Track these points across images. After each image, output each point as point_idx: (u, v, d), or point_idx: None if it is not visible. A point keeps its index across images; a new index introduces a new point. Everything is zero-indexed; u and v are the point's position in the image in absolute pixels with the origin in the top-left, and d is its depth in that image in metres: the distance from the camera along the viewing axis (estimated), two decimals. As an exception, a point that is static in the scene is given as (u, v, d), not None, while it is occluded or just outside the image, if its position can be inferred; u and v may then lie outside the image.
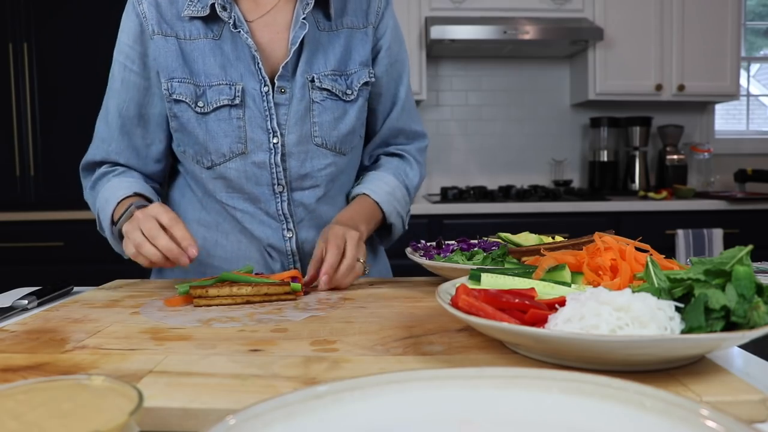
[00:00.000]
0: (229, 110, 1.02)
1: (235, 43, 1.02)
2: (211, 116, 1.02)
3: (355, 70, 1.07)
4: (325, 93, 1.05)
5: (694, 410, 0.34)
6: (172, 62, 1.02)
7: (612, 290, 0.54)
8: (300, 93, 1.03)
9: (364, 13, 1.09)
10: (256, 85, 1.02)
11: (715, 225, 2.85)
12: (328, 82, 1.05)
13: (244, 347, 0.63)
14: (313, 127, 1.05)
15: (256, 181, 1.05)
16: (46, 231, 2.81)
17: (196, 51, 1.02)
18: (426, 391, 0.39)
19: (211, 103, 1.01)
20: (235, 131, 1.02)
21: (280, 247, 1.08)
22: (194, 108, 1.02)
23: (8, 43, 2.81)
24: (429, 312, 0.77)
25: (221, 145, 1.03)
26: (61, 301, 0.89)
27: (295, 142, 1.04)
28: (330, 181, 1.09)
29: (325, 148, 1.06)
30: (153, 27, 1.02)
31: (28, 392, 0.37)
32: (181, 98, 1.02)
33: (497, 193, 3.09)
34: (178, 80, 1.02)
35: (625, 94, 3.10)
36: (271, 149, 1.03)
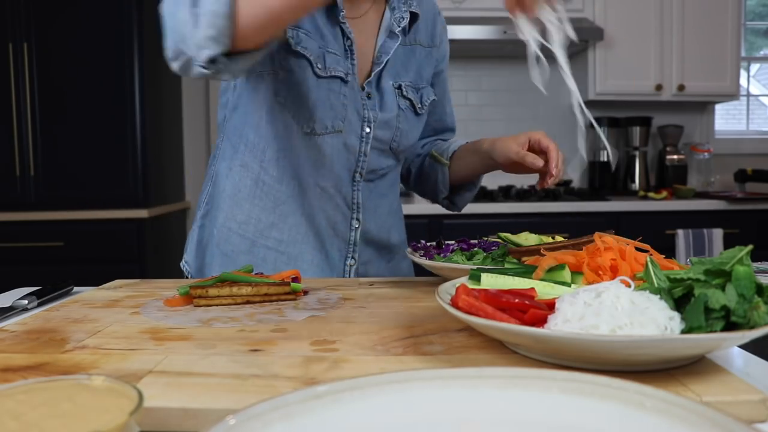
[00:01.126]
0: (341, 84, 1.00)
1: (332, 32, 1.00)
2: (324, 83, 0.98)
3: (424, 86, 1.13)
4: (407, 102, 1.09)
5: (694, 410, 0.34)
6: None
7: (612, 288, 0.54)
8: (389, 98, 1.06)
9: (430, 34, 1.14)
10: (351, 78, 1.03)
11: (715, 225, 2.85)
12: (411, 93, 1.10)
13: (244, 347, 0.63)
14: (396, 132, 1.09)
15: (344, 164, 1.05)
16: (46, 231, 2.81)
17: (319, 11, 0.98)
18: (426, 391, 0.39)
19: (329, 68, 0.97)
20: (340, 107, 1.00)
21: (344, 233, 1.10)
22: (314, 68, 0.97)
23: (8, 43, 2.81)
24: (429, 312, 0.77)
25: (326, 117, 1.00)
26: (61, 301, 0.89)
27: (379, 138, 1.07)
28: (382, 179, 1.13)
29: (393, 153, 1.11)
30: None
31: (28, 392, 0.37)
32: (305, 53, 0.96)
33: (497, 193, 3.09)
34: (304, 32, 0.95)
35: (625, 94, 3.10)
36: (363, 137, 1.05)
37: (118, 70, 2.82)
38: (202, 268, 1.13)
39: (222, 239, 1.10)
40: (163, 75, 3.16)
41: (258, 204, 1.07)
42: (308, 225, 1.08)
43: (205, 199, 1.15)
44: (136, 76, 2.83)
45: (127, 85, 2.83)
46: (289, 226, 1.07)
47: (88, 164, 2.86)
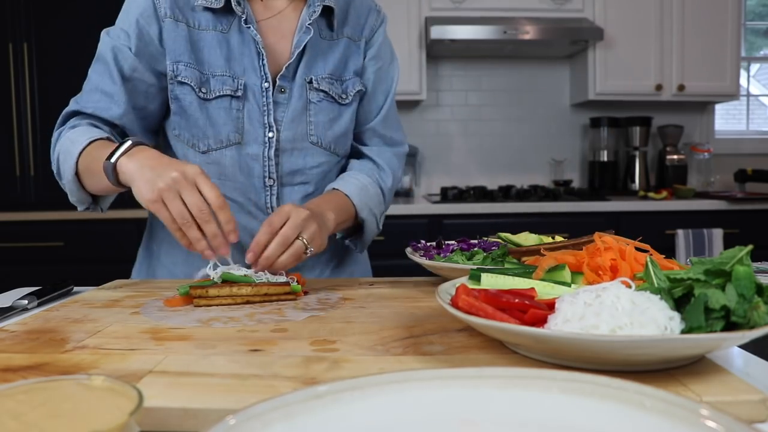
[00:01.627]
0: (230, 100, 1.05)
1: (242, 39, 1.05)
2: (212, 103, 1.04)
3: (349, 78, 1.14)
4: (321, 94, 1.10)
5: (694, 410, 0.34)
6: (180, 47, 1.03)
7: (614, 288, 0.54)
8: (298, 92, 1.08)
9: (360, 27, 1.16)
10: (258, 81, 1.05)
11: (715, 225, 2.85)
12: (326, 85, 1.10)
13: (244, 347, 0.63)
14: (309, 126, 1.10)
15: (249, 172, 1.07)
16: (46, 231, 2.81)
17: (203, 41, 1.04)
18: (426, 391, 0.39)
19: (214, 90, 1.04)
20: (234, 121, 1.05)
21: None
22: (198, 92, 1.04)
23: (8, 43, 2.81)
24: (429, 312, 0.77)
25: (220, 132, 1.05)
26: (61, 301, 0.89)
27: (290, 138, 1.08)
28: (320, 179, 1.13)
29: (319, 147, 1.11)
30: (165, 10, 1.02)
31: (28, 392, 0.37)
32: (186, 81, 1.03)
33: (497, 193, 3.09)
34: (184, 64, 1.03)
35: (625, 94, 3.10)
36: (265, 143, 1.07)
37: (118, 70, 2.82)
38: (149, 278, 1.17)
39: (162, 254, 1.15)
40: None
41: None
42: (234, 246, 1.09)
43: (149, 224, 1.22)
44: (136, 76, 2.83)
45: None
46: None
47: (88, 164, 2.85)
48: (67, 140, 1.00)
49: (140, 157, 0.87)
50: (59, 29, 2.81)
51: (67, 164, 0.98)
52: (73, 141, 0.98)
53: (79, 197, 1.03)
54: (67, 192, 1.03)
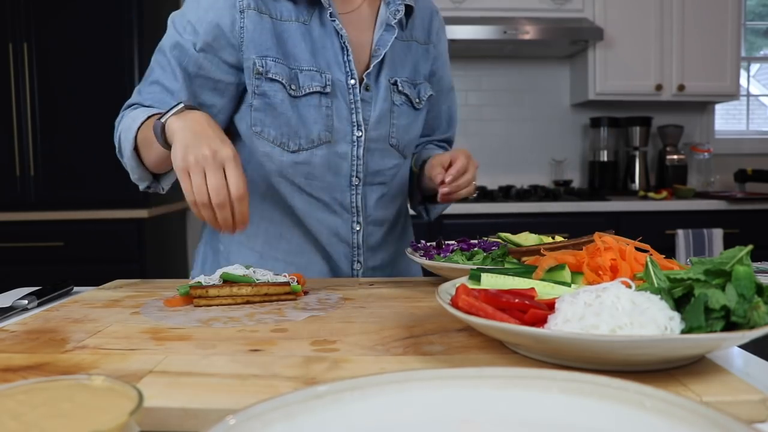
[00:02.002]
0: (320, 97, 1.02)
1: (324, 32, 1.02)
2: (302, 100, 1.01)
3: (421, 82, 1.14)
4: (403, 98, 1.10)
5: (694, 410, 0.34)
6: (267, 40, 0.99)
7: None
8: (384, 93, 1.07)
9: (426, 30, 1.16)
10: (343, 77, 1.03)
11: (715, 225, 2.85)
12: (407, 88, 1.10)
13: (244, 347, 0.63)
14: (392, 129, 1.09)
15: (337, 171, 1.06)
16: (46, 231, 2.80)
17: (287, 32, 1.01)
18: (426, 391, 0.39)
19: (303, 87, 1.01)
20: (324, 119, 1.03)
21: (347, 238, 1.10)
22: (288, 89, 1.00)
23: (8, 43, 2.81)
24: (429, 312, 0.77)
25: (311, 131, 1.02)
26: (61, 301, 0.89)
27: (375, 138, 1.08)
28: (392, 180, 1.14)
29: (396, 150, 1.12)
30: (248, 1, 0.98)
31: (28, 392, 0.37)
32: (277, 78, 0.99)
33: (497, 193, 3.09)
34: (272, 59, 0.99)
35: (625, 94, 3.10)
36: (354, 142, 1.06)
37: (118, 70, 2.82)
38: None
39: (231, 253, 1.13)
40: (163, 75, 3.15)
41: (266, 216, 1.09)
42: (310, 235, 1.09)
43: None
44: (136, 75, 2.83)
45: (127, 85, 2.83)
46: (296, 236, 1.09)
47: (88, 164, 2.85)
48: (129, 119, 0.99)
49: (188, 118, 0.86)
50: (59, 29, 2.81)
51: (127, 140, 0.97)
52: (133, 118, 0.98)
53: (139, 174, 1.01)
54: (128, 170, 1.02)
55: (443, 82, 1.23)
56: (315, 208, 1.07)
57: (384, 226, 1.15)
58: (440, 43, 1.19)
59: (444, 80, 1.24)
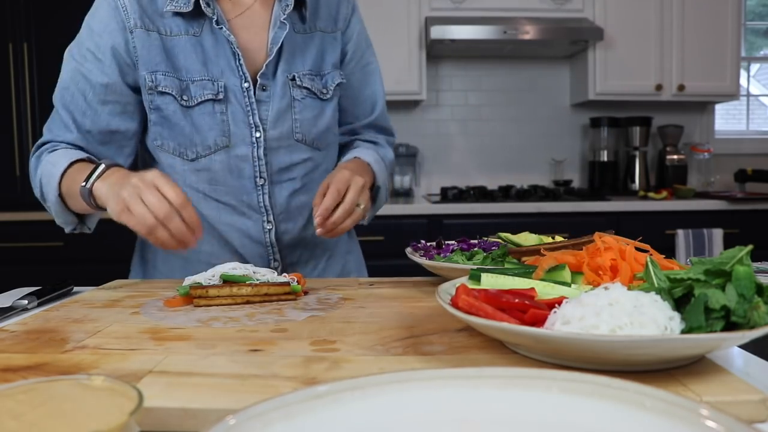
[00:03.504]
0: (213, 105, 1.03)
1: (215, 40, 1.03)
2: (195, 110, 1.03)
3: (328, 71, 1.13)
4: (305, 91, 1.09)
5: (694, 410, 0.34)
6: (156, 56, 1.01)
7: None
8: (281, 91, 1.07)
9: (333, 18, 1.14)
10: (237, 82, 1.04)
11: (715, 225, 2.85)
12: (308, 81, 1.09)
13: (244, 347, 0.63)
14: (295, 124, 1.09)
15: (239, 173, 1.07)
16: (46, 231, 2.80)
17: (177, 47, 1.03)
18: (426, 391, 0.39)
19: (195, 97, 1.03)
20: (219, 125, 1.04)
21: (260, 238, 1.11)
22: (179, 100, 1.02)
23: (8, 43, 2.81)
24: (429, 312, 0.77)
25: (207, 138, 1.04)
26: (61, 301, 0.89)
27: (276, 137, 1.08)
28: (305, 174, 1.13)
29: (304, 144, 1.11)
30: (135, 21, 1.00)
31: (28, 392, 0.37)
32: (167, 90, 1.02)
33: (497, 193, 3.09)
34: (162, 73, 1.02)
35: (625, 94, 3.10)
36: (253, 143, 1.06)
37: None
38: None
39: (158, 261, 1.16)
40: (163, 75, 3.15)
41: None
42: (224, 237, 1.10)
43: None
44: (136, 76, 2.83)
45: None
46: (214, 240, 1.10)
47: (88, 164, 2.85)
48: (48, 163, 1.01)
49: (112, 179, 0.90)
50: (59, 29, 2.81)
51: (50, 186, 0.99)
52: (53, 163, 1.00)
53: (64, 219, 1.03)
54: (52, 214, 1.04)
55: (362, 66, 1.20)
56: (223, 212, 1.09)
57: (299, 221, 1.14)
58: (350, 28, 1.17)
59: (362, 64, 1.20)
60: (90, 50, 1.02)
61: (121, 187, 0.85)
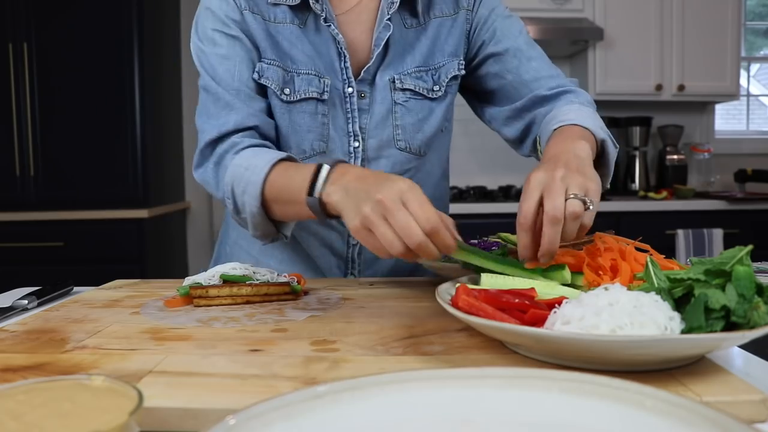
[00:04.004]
0: (316, 104, 0.95)
1: (320, 37, 0.96)
2: (296, 106, 0.95)
3: (443, 63, 1.01)
4: (408, 93, 0.99)
5: (694, 410, 0.34)
6: (261, 41, 0.94)
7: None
8: (381, 95, 0.98)
9: (453, 1, 1.01)
10: (340, 85, 0.96)
11: (715, 225, 2.85)
12: (412, 81, 0.99)
13: (244, 347, 0.63)
14: (396, 131, 0.99)
15: None
16: (46, 231, 2.81)
17: (282, 34, 0.95)
18: (426, 391, 0.39)
19: (298, 91, 0.95)
20: (319, 128, 0.96)
21: (341, 252, 1.05)
22: (280, 95, 0.94)
23: (8, 43, 2.81)
24: (429, 312, 0.77)
25: (303, 140, 0.96)
26: (61, 301, 0.89)
27: (376, 146, 0.99)
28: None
29: (408, 152, 1.01)
30: (241, 2, 0.94)
31: (28, 392, 0.37)
32: (267, 83, 0.94)
33: (497, 193, 3.08)
34: (267, 61, 0.94)
35: (625, 94, 3.10)
36: (350, 153, 0.98)
37: (118, 70, 2.82)
38: None
39: (234, 255, 1.11)
40: (163, 75, 3.15)
41: None
42: (302, 247, 1.05)
43: (224, 217, 1.16)
44: (136, 76, 2.83)
45: (126, 85, 2.83)
46: (290, 247, 1.06)
47: (88, 164, 2.85)
48: (239, 167, 0.87)
49: (344, 182, 0.74)
50: (59, 29, 2.81)
51: (250, 195, 0.86)
52: (247, 167, 0.86)
53: (265, 230, 0.90)
54: (248, 226, 0.90)
55: (504, 42, 1.02)
56: (309, 222, 1.00)
57: None
58: (478, 4, 1.02)
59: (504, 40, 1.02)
60: (218, 31, 0.94)
61: (364, 199, 0.69)
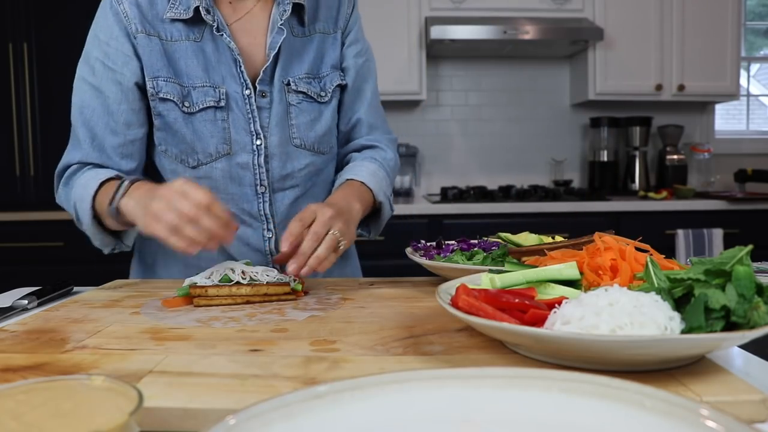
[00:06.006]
0: (215, 112, 1.03)
1: (216, 46, 1.03)
2: (197, 116, 1.02)
3: (327, 73, 1.11)
4: (300, 96, 1.08)
5: (694, 410, 0.34)
6: (157, 61, 1.01)
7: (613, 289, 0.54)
8: (278, 96, 1.06)
9: (333, 19, 1.13)
10: (238, 88, 1.03)
11: (715, 225, 2.85)
12: (303, 85, 1.08)
13: (244, 347, 0.63)
14: (291, 129, 1.08)
15: (240, 181, 1.06)
16: (46, 231, 2.80)
17: (178, 52, 1.02)
18: (426, 391, 0.39)
19: (197, 103, 1.02)
20: (221, 132, 1.03)
21: (259, 246, 1.09)
22: (181, 107, 1.02)
23: (8, 43, 2.81)
24: (429, 312, 0.77)
25: (208, 145, 1.03)
26: (61, 301, 0.89)
27: (276, 143, 1.07)
28: (308, 180, 1.12)
29: (303, 149, 1.09)
30: (136, 26, 1.00)
31: (28, 392, 0.37)
32: (168, 97, 1.01)
33: (497, 193, 3.09)
34: (163, 79, 1.01)
35: (625, 94, 3.10)
36: (254, 151, 1.05)
37: (118, 70, 2.82)
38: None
39: (158, 265, 1.15)
40: (163, 75, 3.15)
41: None
42: (223, 250, 1.08)
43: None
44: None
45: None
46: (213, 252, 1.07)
47: (88, 164, 2.85)
48: (80, 186, 1.01)
49: (137, 194, 0.89)
50: (59, 29, 2.81)
51: (84, 210, 0.99)
52: (84, 186, 1.00)
53: (102, 240, 1.03)
54: (89, 236, 1.03)
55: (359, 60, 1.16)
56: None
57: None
58: (349, 23, 1.15)
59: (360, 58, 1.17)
60: (99, 60, 1.02)
61: (150, 200, 0.84)
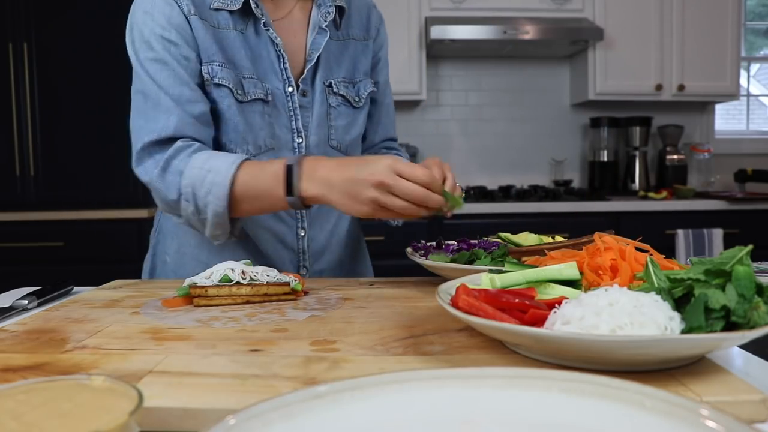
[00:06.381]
0: (263, 105, 1.02)
1: (258, 41, 1.02)
2: (249, 106, 1.01)
3: (361, 80, 1.13)
4: (340, 98, 1.10)
5: (694, 410, 0.34)
6: (211, 45, 0.98)
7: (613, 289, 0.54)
8: (320, 97, 1.07)
9: (364, 27, 1.15)
10: (280, 85, 1.04)
11: (715, 225, 2.85)
12: (343, 89, 1.10)
13: (244, 347, 0.63)
14: (330, 131, 1.09)
15: None
16: (46, 231, 2.80)
17: (227, 40, 1.00)
18: (426, 391, 0.39)
19: (248, 93, 1.01)
20: (268, 127, 1.03)
21: (292, 244, 1.10)
22: (235, 94, 0.99)
23: (8, 43, 2.81)
24: (429, 312, 0.77)
25: (258, 137, 1.03)
26: (61, 301, 0.89)
27: (315, 143, 1.08)
28: None
29: (338, 151, 1.11)
30: (189, 7, 0.96)
31: (28, 392, 0.37)
32: (223, 83, 0.99)
33: (497, 193, 3.09)
34: (218, 64, 0.99)
35: (625, 94, 3.10)
36: (295, 149, 1.06)
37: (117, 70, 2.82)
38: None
39: (178, 265, 1.13)
40: (163, 75, 3.15)
41: None
42: (253, 247, 1.08)
43: (156, 230, 1.18)
44: (136, 76, 2.83)
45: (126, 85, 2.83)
46: (240, 247, 1.08)
47: (88, 164, 2.85)
48: (201, 170, 0.92)
49: (319, 176, 0.87)
50: (59, 29, 2.81)
51: (215, 196, 0.91)
52: (210, 170, 0.91)
53: (224, 229, 0.95)
54: (207, 225, 0.95)
55: (385, 72, 1.22)
56: (262, 216, 1.06)
57: (326, 228, 1.13)
58: (379, 37, 1.18)
59: (386, 70, 1.22)
60: (157, 34, 0.96)
61: (360, 186, 0.83)
